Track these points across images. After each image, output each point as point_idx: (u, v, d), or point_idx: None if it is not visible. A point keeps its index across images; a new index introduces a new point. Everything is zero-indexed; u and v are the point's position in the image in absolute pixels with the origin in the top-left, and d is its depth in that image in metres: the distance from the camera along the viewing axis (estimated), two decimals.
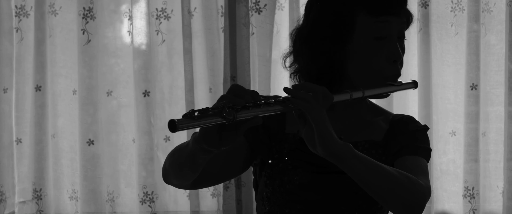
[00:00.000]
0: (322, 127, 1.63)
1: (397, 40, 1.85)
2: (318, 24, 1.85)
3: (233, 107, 1.53)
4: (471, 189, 3.63)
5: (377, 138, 1.88)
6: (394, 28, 1.84)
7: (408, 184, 1.71)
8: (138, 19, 3.72)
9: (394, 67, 1.85)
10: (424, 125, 1.93)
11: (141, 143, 3.71)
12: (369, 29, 1.82)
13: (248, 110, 1.55)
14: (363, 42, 1.83)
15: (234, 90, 1.58)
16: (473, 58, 3.62)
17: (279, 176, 1.86)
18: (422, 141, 1.88)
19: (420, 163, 1.83)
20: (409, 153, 1.83)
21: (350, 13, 1.82)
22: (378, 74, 1.84)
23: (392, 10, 1.83)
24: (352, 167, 1.67)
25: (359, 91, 1.79)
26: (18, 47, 3.73)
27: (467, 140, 3.63)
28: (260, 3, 3.65)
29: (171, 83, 3.76)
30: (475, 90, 3.61)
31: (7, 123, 3.77)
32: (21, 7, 3.72)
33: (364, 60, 1.83)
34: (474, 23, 3.61)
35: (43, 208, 3.77)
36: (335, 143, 1.64)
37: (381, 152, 1.86)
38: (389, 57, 1.84)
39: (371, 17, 1.82)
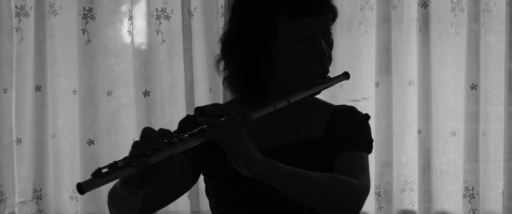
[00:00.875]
0: (243, 151, 1.64)
1: (322, 37, 1.85)
2: (241, 30, 1.85)
3: (144, 154, 1.55)
4: (471, 189, 3.63)
5: (317, 135, 1.89)
6: (317, 27, 1.84)
7: (340, 188, 1.73)
8: (138, 19, 3.72)
9: (321, 66, 1.85)
10: (365, 115, 1.94)
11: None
12: (291, 32, 1.82)
13: (161, 151, 1.56)
14: (286, 45, 1.83)
15: (145, 134, 1.59)
16: (473, 58, 3.62)
17: (223, 185, 1.88)
18: (362, 133, 1.89)
19: (359, 159, 1.84)
20: (349, 149, 1.84)
21: (271, 18, 1.82)
22: (305, 75, 1.84)
23: (312, 11, 1.83)
24: (281, 183, 1.69)
25: (283, 99, 1.78)
26: (18, 47, 3.73)
27: (467, 140, 3.63)
28: None
29: (171, 83, 3.76)
30: (475, 90, 3.62)
31: (7, 123, 3.77)
32: (21, 7, 3.72)
33: (290, 63, 1.84)
34: (474, 23, 3.61)
35: (43, 208, 3.77)
36: (258, 164, 1.65)
37: (322, 148, 1.87)
38: (315, 56, 1.84)
39: (291, 20, 1.82)
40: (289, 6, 1.81)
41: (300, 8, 1.81)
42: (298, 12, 1.81)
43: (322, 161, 1.86)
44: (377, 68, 3.64)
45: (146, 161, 1.54)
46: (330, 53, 1.88)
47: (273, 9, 1.82)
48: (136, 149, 1.55)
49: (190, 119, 1.97)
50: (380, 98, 3.65)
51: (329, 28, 1.88)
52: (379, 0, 3.64)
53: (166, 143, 1.58)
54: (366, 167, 1.84)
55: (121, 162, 1.52)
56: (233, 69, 1.88)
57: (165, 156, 1.56)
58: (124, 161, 1.53)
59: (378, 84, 3.65)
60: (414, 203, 3.69)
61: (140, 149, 1.55)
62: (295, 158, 1.85)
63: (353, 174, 1.79)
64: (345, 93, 3.67)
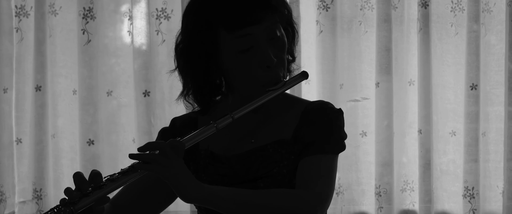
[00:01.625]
0: (176, 182, 1.66)
1: (269, 41, 1.80)
2: (185, 46, 1.84)
3: (71, 202, 1.61)
4: (471, 189, 3.63)
5: (287, 136, 1.84)
6: (259, 35, 1.78)
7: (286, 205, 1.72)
8: (138, 19, 3.72)
9: (270, 72, 1.80)
10: (338, 110, 1.87)
11: (141, 143, 3.69)
12: (231, 45, 1.78)
13: (89, 196, 1.62)
14: (229, 57, 1.80)
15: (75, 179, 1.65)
16: (473, 58, 3.62)
17: None
18: (333, 131, 1.83)
19: (322, 163, 1.79)
20: (314, 152, 1.79)
21: (209, 33, 1.79)
22: (256, 82, 1.81)
23: (250, 20, 1.77)
24: (221, 207, 1.70)
25: (227, 117, 1.75)
26: (18, 47, 3.73)
27: (467, 140, 3.63)
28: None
29: (171, 83, 3.75)
30: (475, 90, 3.62)
31: (7, 123, 3.77)
32: (21, 7, 3.72)
33: (237, 72, 1.81)
34: (474, 23, 3.61)
35: (43, 208, 3.77)
36: (193, 190, 1.66)
37: (291, 150, 1.83)
38: (261, 64, 1.80)
39: (229, 33, 1.78)
40: (225, 19, 1.77)
41: (236, 20, 1.76)
42: (235, 24, 1.77)
43: (290, 164, 1.82)
44: (377, 68, 3.64)
45: (72, 209, 1.61)
46: (281, 57, 1.83)
47: (210, 23, 1.78)
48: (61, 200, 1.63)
49: (165, 131, 1.97)
50: (381, 98, 3.65)
51: (276, 31, 1.81)
52: (379, 0, 3.63)
53: (94, 186, 1.63)
54: (328, 172, 1.79)
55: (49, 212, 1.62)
56: (185, 83, 1.88)
57: (93, 200, 1.62)
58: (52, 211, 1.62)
59: (379, 84, 3.65)
60: (414, 203, 3.69)
61: (67, 197, 1.62)
62: (263, 163, 1.83)
63: (311, 181, 1.76)
64: (345, 93, 3.67)
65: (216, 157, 1.79)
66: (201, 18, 1.80)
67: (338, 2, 3.65)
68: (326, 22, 3.65)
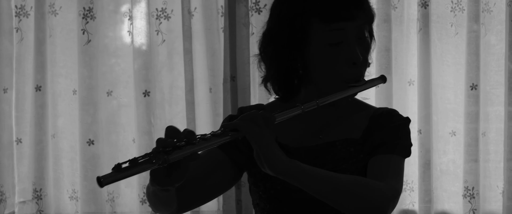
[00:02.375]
0: (265, 150, 1.68)
1: (358, 41, 1.86)
2: (275, 32, 1.88)
3: (164, 151, 1.59)
4: (471, 189, 3.63)
5: (356, 136, 1.90)
6: (350, 32, 1.84)
7: (364, 191, 1.74)
8: (138, 19, 3.72)
9: (354, 69, 1.86)
10: (406, 118, 1.94)
11: (141, 143, 3.71)
12: (323, 36, 1.84)
13: (182, 149, 1.61)
14: (318, 49, 1.85)
15: (169, 132, 1.64)
16: (473, 58, 3.62)
17: (262, 183, 1.91)
18: (400, 136, 1.90)
19: (392, 162, 1.85)
20: (384, 152, 1.85)
21: (303, 22, 1.84)
22: (339, 77, 1.86)
23: (345, 15, 1.83)
24: (302, 182, 1.71)
25: (312, 102, 1.80)
26: (18, 47, 3.73)
27: (467, 140, 3.63)
28: (260, 3, 3.65)
29: (171, 83, 3.76)
30: (475, 90, 3.62)
31: (7, 123, 3.77)
32: (21, 7, 3.72)
33: (323, 65, 1.86)
34: (474, 23, 3.61)
35: (43, 208, 3.77)
36: (281, 163, 1.68)
37: (359, 149, 1.88)
38: (348, 60, 1.85)
39: (324, 25, 1.83)
40: (322, 10, 1.83)
41: (333, 13, 1.83)
42: (331, 16, 1.83)
43: (358, 162, 1.87)
44: (377, 68, 3.64)
45: (166, 158, 1.58)
46: (365, 57, 1.88)
47: (306, 12, 1.84)
48: (157, 145, 1.60)
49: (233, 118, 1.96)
50: (380, 98, 3.64)
51: (364, 32, 1.88)
52: (379, 0, 3.63)
53: (187, 141, 1.62)
54: (399, 171, 1.85)
55: (141, 158, 1.57)
56: (268, 69, 1.92)
57: (186, 154, 1.60)
58: (144, 157, 1.57)
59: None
60: (414, 203, 3.69)
61: (161, 145, 1.59)
62: (331, 158, 1.87)
63: (383, 177, 1.80)
64: None
65: (284, 147, 1.80)
66: (297, 6, 1.85)
67: None
68: None
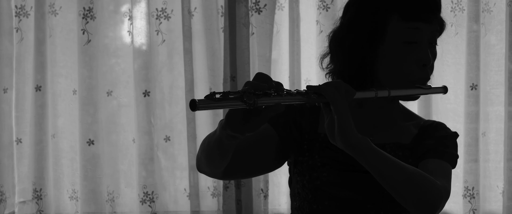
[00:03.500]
0: (344, 118, 1.68)
1: (428, 45, 1.91)
2: (352, 27, 1.91)
3: (255, 93, 1.56)
4: (471, 189, 3.63)
5: (405, 141, 1.94)
6: (425, 34, 1.89)
7: (424, 182, 1.75)
8: (138, 19, 3.72)
9: (423, 71, 1.91)
10: (454, 132, 1.98)
11: (141, 143, 3.71)
12: (400, 33, 1.88)
13: (270, 97, 1.58)
14: (393, 45, 1.88)
15: (259, 77, 1.62)
16: (473, 58, 3.62)
17: (308, 172, 1.93)
18: (449, 146, 1.93)
19: (442, 166, 1.88)
20: (434, 156, 1.89)
21: (383, 17, 1.88)
22: (406, 77, 1.90)
23: (424, 17, 1.88)
24: (369, 160, 1.72)
25: (385, 90, 1.84)
26: (18, 47, 3.73)
27: (467, 140, 3.63)
28: (260, 3, 3.65)
29: (171, 83, 3.76)
30: (475, 90, 3.62)
31: (7, 123, 3.77)
32: (21, 7, 3.72)
33: (393, 63, 1.89)
34: (474, 23, 3.61)
35: (43, 208, 3.77)
36: (354, 135, 1.70)
37: (408, 154, 1.92)
38: (418, 61, 1.89)
39: (403, 22, 1.88)
40: (402, 8, 1.87)
41: (413, 12, 1.87)
42: (411, 15, 1.87)
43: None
44: None
45: (256, 101, 1.55)
46: (433, 62, 1.93)
47: (386, 8, 1.88)
48: (248, 87, 1.58)
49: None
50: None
51: (436, 38, 1.93)
52: None
53: (275, 90, 1.60)
54: (449, 175, 1.88)
55: (233, 94, 1.54)
56: (340, 63, 1.93)
57: (273, 102, 1.58)
58: (236, 94, 1.55)
59: None
60: None
61: (252, 88, 1.57)
62: None
63: (437, 176, 1.82)
64: None
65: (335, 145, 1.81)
66: (375, 2, 1.89)
67: (338, 2, 3.65)
68: (326, 22, 3.65)
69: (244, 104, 1.54)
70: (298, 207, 1.97)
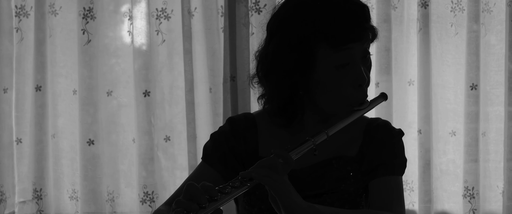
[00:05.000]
0: (285, 199, 1.66)
1: (361, 60, 1.83)
2: (278, 57, 1.83)
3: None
4: (471, 189, 3.63)
5: (352, 153, 1.88)
6: (357, 53, 1.82)
7: None
8: (138, 19, 3.72)
9: (360, 91, 1.84)
10: (399, 132, 1.92)
11: (141, 143, 3.71)
12: (330, 59, 1.80)
13: (205, 209, 1.58)
14: (325, 72, 1.81)
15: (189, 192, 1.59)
16: (473, 58, 3.62)
17: (257, 203, 1.90)
18: (397, 154, 1.88)
19: (395, 184, 1.84)
20: (385, 174, 1.84)
21: (309, 46, 1.80)
22: (345, 101, 1.83)
23: (352, 37, 1.80)
24: None
25: (322, 133, 1.76)
26: (18, 47, 3.73)
27: (467, 140, 3.63)
28: (260, 3, 3.65)
29: (171, 83, 3.76)
30: (475, 90, 3.61)
31: (7, 123, 3.77)
32: (21, 7, 3.72)
33: (328, 89, 1.82)
34: (474, 23, 3.61)
35: (43, 208, 3.77)
36: (300, 210, 1.67)
37: (356, 168, 1.87)
38: (354, 82, 1.82)
39: (331, 49, 1.79)
40: (329, 34, 1.78)
41: (340, 36, 1.78)
42: (339, 40, 1.78)
43: (357, 182, 1.86)
44: (377, 68, 3.64)
45: None
46: (368, 76, 1.86)
47: (312, 36, 1.79)
48: (180, 209, 1.56)
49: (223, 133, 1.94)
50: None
51: (368, 50, 1.86)
52: (379, 0, 3.63)
53: (209, 199, 1.59)
54: (401, 193, 1.85)
55: None
56: (269, 92, 1.87)
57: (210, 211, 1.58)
58: None
59: (378, 84, 3.65)
60: (414, 203, 3.69)
61: (184, 209, 1.56)
62: (329, 178, 1.86)
63: (389, 203, 1.80)
64: None
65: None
66: (301, 29, 1.80)
67: None
68: None
69: None
70: None
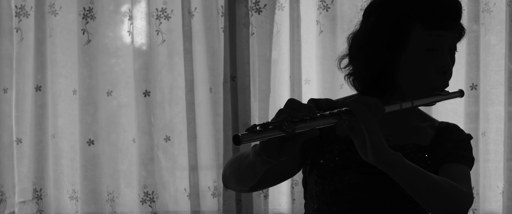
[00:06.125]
0: (375, 137, 1.71)
1: (448, 52, 1.94)
2: (375, 32, 1.93)
3: (292, 121, 1.60)
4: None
5: (424, 143, 1.97)
6: (446, 41, 1.92)
7: (452, 191, 1.80)
8: (139, 19, 3.72)
9: (443, 78, 1.94)
10: (468, 134, 2.03)
11: (141, 143, 3.71)
12: (422, 41, 1.90)
13: (305, 122, 1.62)
14: (415, 52, 1.91)
15: (291, 104, 1.66)
16: (473, 58, 3.62)
17: (329, 175, 1.95)
18: (465, 149, 1.98)
19: (463, 171, 1.92)
20: (454, 161, 1.93)
21: (406, 25, 1.90)
22: (426, 84, 1.93)
23: (445, 25, 1.90)
24: (402, 174, 1.75)
25: (408, 101, 1.87)
26: (18, 47, 3.73)
27: None
28: (260, 3, 3.65)
29: (172, 83, 3.76)
30: (475, 90, 3.62)
31: (7, 123, 3.77)
32: (21, 7, 3.72)
33: (415, 69, 1.92)
34: (474, 23, 3.61)
35: (43, 208, 3.77)
36: (386, 152, 1.72)
37: (427, 156, 1.95)
38: (439, 68, 1.93)
39: (425, 30, 1.90)
40: (425, 15, 1.89)
41: (436, 19, 1.89)
42: (433, 22, 1.89)
43: (426, 168, 1.90)
44: None
45: (294, 128, 1.59)
46: (452, 68, 1.96)
47: (409, 15, 1.90)
48: (283, 115, 1.61)
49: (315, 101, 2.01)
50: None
51: (456, 44, 1.97)
52: None
53: (310, 116, 1.63)
54: (469, 179, 1.91)
55: (272, 124, 1.58)
56: (360, 68, 1.96)
57: (308, 127, 1.62)
58: (275, 123, 1.58)
59: None
60: None
61: (288, 116, 1.60)
62: None
63: (461, 182, 1.86)
64: (345, 93, 3.65)
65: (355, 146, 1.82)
66: (400, 9, 1.91)
67: (338, 2, 3.65)
68: (326, 22, 3.65)
69: (283, 133, 1.58)
70: (317, 209, 1.98)
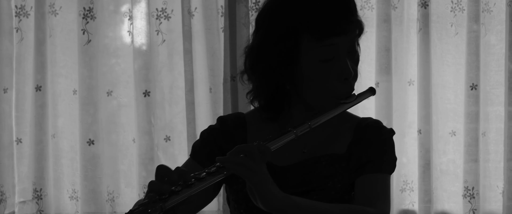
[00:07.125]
0: (261, 188, 1.63)
1: (348, 54, 1.82)
2: (263, 48, 1.82)
3: (161, 198, 1.54)
4: (471, 189, 3.63)
5: (340, 151, 1.86)
6: (342, 46, 1.80)
7: None
8: (139, 19, 3.72)
9: (346, 84, 1.82)
10: (390, 131, 1.91)
11: (141, 143, 3.71)
12: (314, 53, 1.78)
13: (178, 194, 1.55)
14: (309, 65, 1.79)
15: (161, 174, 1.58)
16: (473, 58, 3.62)
17: (244, 202, 1.87)
18: (387, 152, 1.86)
19: (381, 182, 1.82)
20: (373, 171, 1.82)
21: (294, 38, 1.78)
22: (330, 94, 1.81)
23: (337, 31, 1.78)
24: None
25: (304, 125, 1.74)
26: (18, 47, 3.73)
27: (467, 140, 3.63)
28: (260, 3, 3.65)
29: (172, 83, 3.76)
30: (475, 90, 3.62)
31: (7, 123, 3.77)
32: (21, 7, 3.72)
33: (313, 82, 1.81)
34: (474, 23, 3.61)
35: (43, 208, 3.77)
36: (275, 199, 1.64)
37: (344, 165, 1.85)
38: (339, 75, 1.81)
39: (316, 42, 1.77)
40: (313, 27, 1.77)
41: (325, 29, 1.77)
42: (323, 33, 1.77)
43: (344, 179, 1.84)
44: (377, 68, 3.64)
45: (163, 206, 1.53)
46: (356, 70, 1.85)
47: (296, 29, 1.78)
48: (152, 193, 1.54)
49: (212, 131, 1.93)
50: (380, 98, 3.64)
51: (355, 44, 1.84)
52: (379, 0, 3.63)
53: (183, 184, 1.57)
54: (387, 191, 1.82)
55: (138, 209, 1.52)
56: (256, 85, 1.86)
57: (182, 198, 1.56)
58: (140, 207, 1.53)
59: (378, 84, 3.65)
60: (414, 203, 3.69)
61: (156, 192, 1.54)
62: (317, 175, 1.84)
63: (374, 199, 1.78)
64: None
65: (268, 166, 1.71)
66: (286, 21, 1.79)
67: None
68: None
69: None
70: None
